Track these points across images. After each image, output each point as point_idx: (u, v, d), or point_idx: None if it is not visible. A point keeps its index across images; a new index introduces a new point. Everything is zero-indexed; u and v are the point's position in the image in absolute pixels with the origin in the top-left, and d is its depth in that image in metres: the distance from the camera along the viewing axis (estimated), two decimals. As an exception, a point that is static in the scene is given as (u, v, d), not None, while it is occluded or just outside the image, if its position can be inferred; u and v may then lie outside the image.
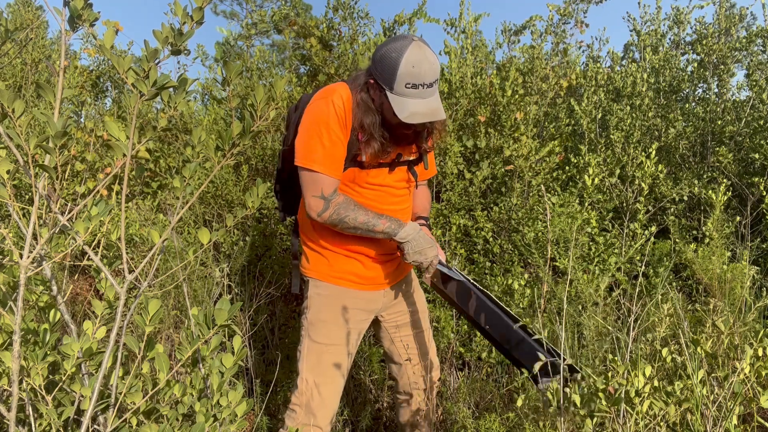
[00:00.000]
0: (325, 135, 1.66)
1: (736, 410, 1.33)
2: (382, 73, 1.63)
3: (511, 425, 1.97)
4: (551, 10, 3.65)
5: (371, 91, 1.68)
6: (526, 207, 2.91)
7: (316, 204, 1.69)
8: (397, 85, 1.60)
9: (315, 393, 1.79)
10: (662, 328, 1.67)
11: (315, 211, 1.70)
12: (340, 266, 1.83)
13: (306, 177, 1.70)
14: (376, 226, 1.72)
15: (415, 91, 1.61)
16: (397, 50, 1.60)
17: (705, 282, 2.50)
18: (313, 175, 1.68)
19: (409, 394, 2.05)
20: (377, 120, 1.69)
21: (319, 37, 3.47)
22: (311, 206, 1.70)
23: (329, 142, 1.67)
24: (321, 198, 1.68)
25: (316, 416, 1.79)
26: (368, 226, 1.72)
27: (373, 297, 1.90)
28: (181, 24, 0.96)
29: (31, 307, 1.34)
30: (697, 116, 3.60)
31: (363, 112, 1.68)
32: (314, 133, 1.67)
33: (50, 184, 1.09)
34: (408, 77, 1.59)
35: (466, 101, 3.17)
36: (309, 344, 1.83)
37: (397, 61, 1.59)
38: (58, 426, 1.07)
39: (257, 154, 3.42)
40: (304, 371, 1.82)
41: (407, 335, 2.02)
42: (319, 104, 1.69)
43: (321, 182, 1.68)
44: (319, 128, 1.67)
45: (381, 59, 1.63)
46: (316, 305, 1.84)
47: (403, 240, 1.75)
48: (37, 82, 0.97)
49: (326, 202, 1.68)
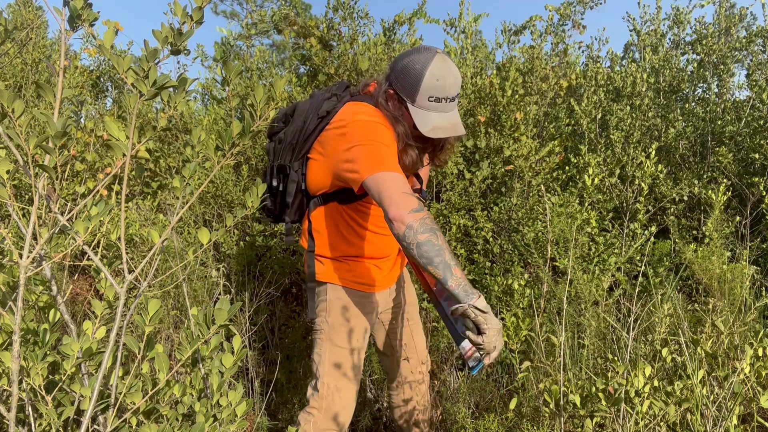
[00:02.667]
0: (386, 146, 1.55)
1: (736, 410, 1.33)
2: (404, 85, 1.58)
3: (510, 425, 1.97)
4: (550, 11, 3.65)
5: (390, 102, 1.63)
6: (526, 207, 2.91)
7: (409, 202, 1.42)
8: (419, 98, 1.56)
9: (336, 397, 1.77)
10: (662, 329, 1.67)
11: (408, 208, 1.41)
12: (358, 270, 1.82)
13: (384, 178, 1.47)
14: (448, 275, 1.39)
15: (437, 105, 1.57)
16: (421, 62, 1.55)
17: (705, 282, 2.50)
18: (396, 175, 1.48)
19: (401, 387, 2.07)
20: (408, 129, 1.63)
21: (319, 37, 3.47)
22: (403, 204, 1.42)
23: (391, 152, 1.56)
24: (412, 195, 1.45)
25: (337, 420, 1.78)
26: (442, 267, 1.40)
27: (383, 297, 1.93)
28: (181, 24, 0.96)
29: (31, 307, 1.34)
30: (697, 116, 3.60)
31: (394, 122, 1.62)
32: (377, 143, 1.54)
33: (50, 184, 1.09)
34: (432, 90, 1.55)
35: (466, 101, 3.17)
36: (330, 348, 1.79)
37: (421, 74, 1.54)
38: (58, 426, 1.07)
39: (257, 154, 3.42)
40: (324, 375, 1.77)
41: (400, 328, 2.05)
42: (367, 121, 1.59)
43: (401, 181, 1.48)
44: (379, 140, 1.55)
45: (403, 70, 1.58)
46: (337, 309, 1.80)
47: (485, 310, 1.40)
48: (37, 82, 0.97)
49: (420, 203, 1.45)
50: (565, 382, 1.59)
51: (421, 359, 2.07)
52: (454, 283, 1.39)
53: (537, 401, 1.83)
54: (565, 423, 1.51)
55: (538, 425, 1.72)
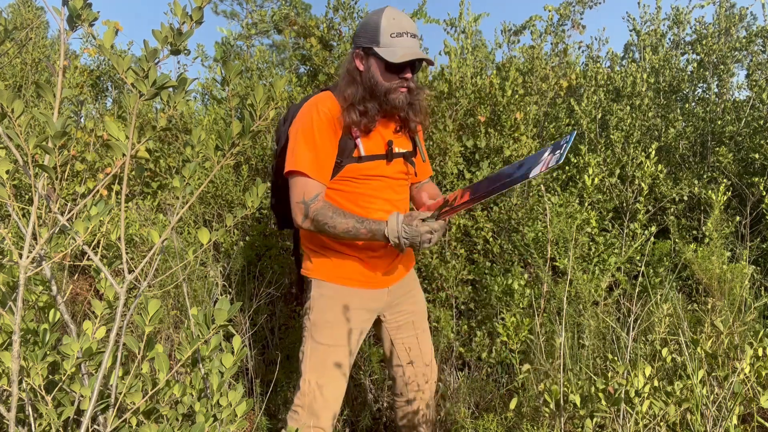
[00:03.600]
0: (311, 141, 1.72)
1: (736, 410, 1.33)
2: (366, 34, 1.74)
3: (509, 425, 1.96)
4: (550, 11, 3.65)
5: (357, 62, 1.77)
6: (526, 207, 2.91)
7: (298, 210, 1.72)
8: (382, 38, 1.71)
9: (318, 394, 1.78)
10: (662, 328, 1.67)
11: (298, 219, 1.73)
12: (343, 265, 1.83)
13: (292, 183, 1.75)
14: (359, 231, 1.70)
15: (400, 39, 1.72)
16: (376, 13, 1.75)
17: (705, 282, 2.50)
18: (298, 179, 1.73)
19: (407, 396, 2.05)
20: (359, 92, 1.76)
21: (320, 37, 3.47)
22: (295, 213, 1.73)
23: (315, 148, 1.72)
24: (302, 203, 1.71)
25: (319, 417, 1.79)
26: (350, 234, 1.70)
27: (376, 296, 1.90)
28: (181, 24, 0.96)
29: (31, 307, 1.34)
30: (697, 116, 3.60)
31: (346, 84, 1.78)
32: (301, 140, 1.73)
33: (50, 184, 1.09)
34: (391, 28, 1.71)
35: (466, 101, 3.17)
36: (312, 345, 1.82)
37: (378, 20, 1.72)
38: (58, 426, 1.07)
39: (257, 154, 3.42)
40: (306, 372, 1.81)
41: (408, 336, 2.02)
42: (305, 113, 1.75)
43: (304, 186, 1.72)
44: (306, 135, 1.72)
45: (362, 26, 1.76)
46: (319, 306, 1.83)
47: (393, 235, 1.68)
48: (36, 82, 0.97)
49: (306, 207, 1.70)
50: (565, 382, 1.59)
51: (426, 361, 2.05)
52: (364, 231, 1.69)
53: (537, 401, 1.83)
54: (565, 423, 1.51)
55: (538, 425, 1.72)
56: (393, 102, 1.76)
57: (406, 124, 1.88)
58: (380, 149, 1.82)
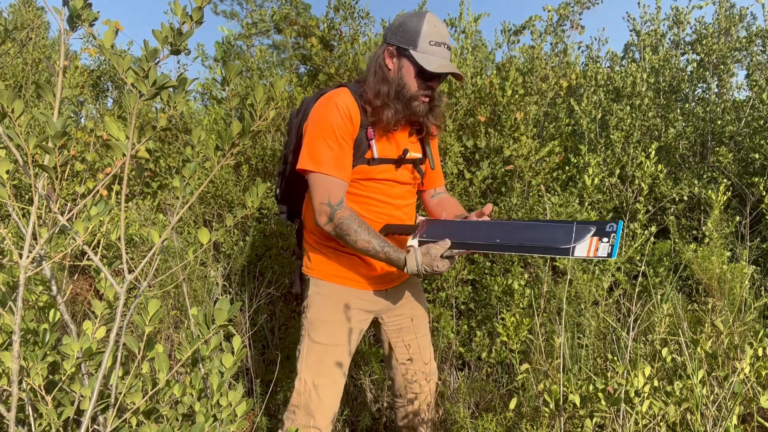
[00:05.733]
0: (332, 138, 1.69)
1: (736, 410, 1.33)
2: (404, 35, 1.71)
3: (509, 425, 1.96)
4: (549, 11, 3.65)
5: (388, 59, 1.75)
6: (526, 207, 2.91)
7: (323, 211, 1.69)
8: (422, 43, 1.70)
9: (314, 394, 1.78)
10: (662, 328, 1.67)
11: (321, 220, 1.71)
12: (342, 265, 1.83)
13: (314, 180, 1.71)
14: (378, 254, 1.69)
15: (438, 49, 1.71)
16: (417, 16, 1.72)
17: (705, 282, 2.50)
18: (321, 177, 1.69)
19: (407, 396, 2.05)
20: (392, 90, 1.74)
21: (320, 36, 3.47)
22: (318, 213, 1.71)
23: (336, 144, 1.69)
24: (328, 205, 1.68)
25: (315, 417, 1.78)
26: (369, 254, 1.70)
27: (375, 297, 1.89)
28: (181, 23, 0.96)
29: (31, 307, 1.34)
30: (697, 116, 3.60)
31: (379, 81, 1.75)
32: (320, 137, 1.69)
33: (50, 184, 1.09)
34: (432, 35, 1.70)
35: (466, 101, 3.17)
36: (309, 344, 1.82)
37: (419, 23, 1.70)
38: (58, 426, 1.07)
39: (257, 154, 3.42)
40: (302, 372, 1.81)
41: (408, 339, 2.01)
42: (323, 108, 1.71)
43: (329, 186, 1.69)
44: (325, 131, 1.69)
45: (401, 25, 1.73)
46: (317, 305, 1.83)
47: (412, 272, 1.66)
48: (36, 82, 0.98)
49: (332, 211, 1.68)
50: (565, 382, 1.59)
51: (425, 360, 2.05)
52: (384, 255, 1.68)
53: (537, 401, 1.83)
54: (564, 423, 1.51)
55: (538, 425, 1.72)
56: (414, 108, 1.75)
57: (421, 130, 1.87)
58: (393, 153, 1.81)
